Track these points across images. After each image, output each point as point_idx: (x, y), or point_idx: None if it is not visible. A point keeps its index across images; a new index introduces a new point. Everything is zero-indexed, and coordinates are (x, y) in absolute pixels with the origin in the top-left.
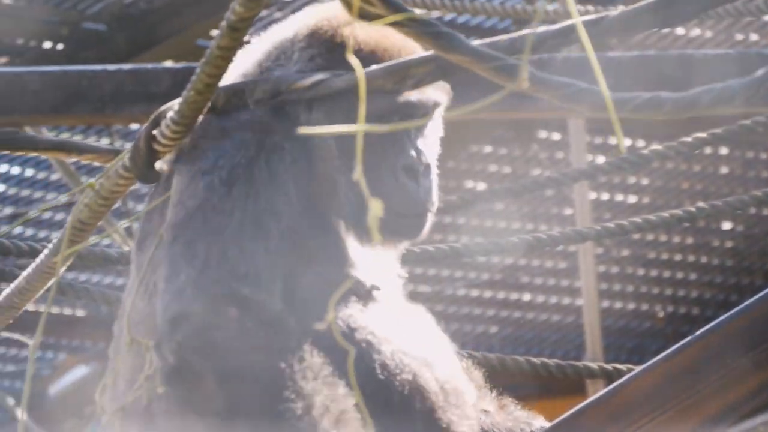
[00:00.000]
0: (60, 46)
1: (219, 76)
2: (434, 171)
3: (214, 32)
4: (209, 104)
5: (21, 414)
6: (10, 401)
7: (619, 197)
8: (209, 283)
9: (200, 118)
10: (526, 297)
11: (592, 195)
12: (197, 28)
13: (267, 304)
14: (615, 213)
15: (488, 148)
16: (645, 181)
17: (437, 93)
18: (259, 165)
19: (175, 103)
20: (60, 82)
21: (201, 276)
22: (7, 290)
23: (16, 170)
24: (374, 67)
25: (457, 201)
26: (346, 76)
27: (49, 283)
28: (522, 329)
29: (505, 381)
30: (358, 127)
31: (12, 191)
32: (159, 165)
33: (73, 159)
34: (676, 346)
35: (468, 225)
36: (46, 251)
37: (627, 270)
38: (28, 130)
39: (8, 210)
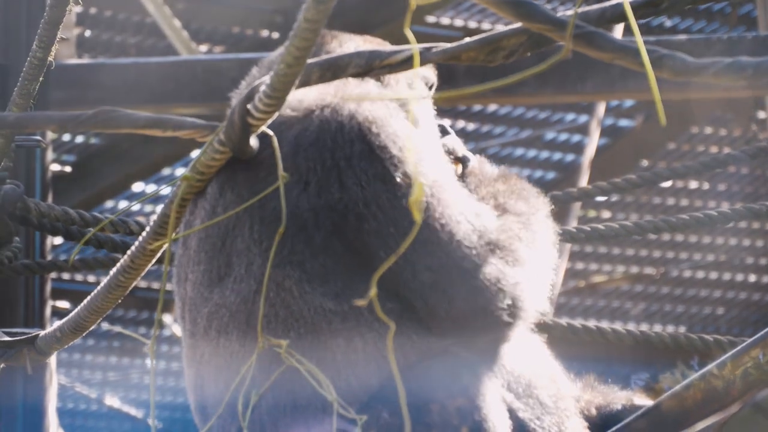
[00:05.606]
0: (275, 35)
1: (307, 49)
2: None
3: (430, 18)
4: (300, 78)
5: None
6: None
7: None
8: None
9: (291, 90)
10: (752, 278)
11: None
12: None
13: None
14: None
15: (708, 129)
16: None
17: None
18: None
19: (267, 78)
20: None
21: None
22: (113, 270)
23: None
24: (467, 39)
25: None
26: (439, 49)
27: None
28: (748, 310)
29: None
30: (410, 94)
31: None
32: (253, 140)
33: (169, 134)
34: None
35: (676, 205)
36: (146, 230)
37: None
38: None
39: None
